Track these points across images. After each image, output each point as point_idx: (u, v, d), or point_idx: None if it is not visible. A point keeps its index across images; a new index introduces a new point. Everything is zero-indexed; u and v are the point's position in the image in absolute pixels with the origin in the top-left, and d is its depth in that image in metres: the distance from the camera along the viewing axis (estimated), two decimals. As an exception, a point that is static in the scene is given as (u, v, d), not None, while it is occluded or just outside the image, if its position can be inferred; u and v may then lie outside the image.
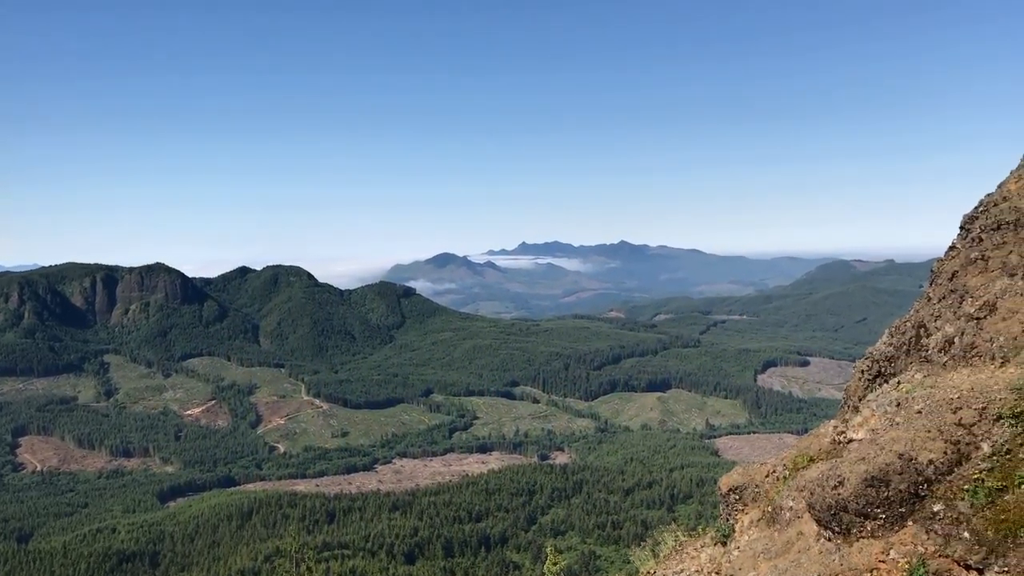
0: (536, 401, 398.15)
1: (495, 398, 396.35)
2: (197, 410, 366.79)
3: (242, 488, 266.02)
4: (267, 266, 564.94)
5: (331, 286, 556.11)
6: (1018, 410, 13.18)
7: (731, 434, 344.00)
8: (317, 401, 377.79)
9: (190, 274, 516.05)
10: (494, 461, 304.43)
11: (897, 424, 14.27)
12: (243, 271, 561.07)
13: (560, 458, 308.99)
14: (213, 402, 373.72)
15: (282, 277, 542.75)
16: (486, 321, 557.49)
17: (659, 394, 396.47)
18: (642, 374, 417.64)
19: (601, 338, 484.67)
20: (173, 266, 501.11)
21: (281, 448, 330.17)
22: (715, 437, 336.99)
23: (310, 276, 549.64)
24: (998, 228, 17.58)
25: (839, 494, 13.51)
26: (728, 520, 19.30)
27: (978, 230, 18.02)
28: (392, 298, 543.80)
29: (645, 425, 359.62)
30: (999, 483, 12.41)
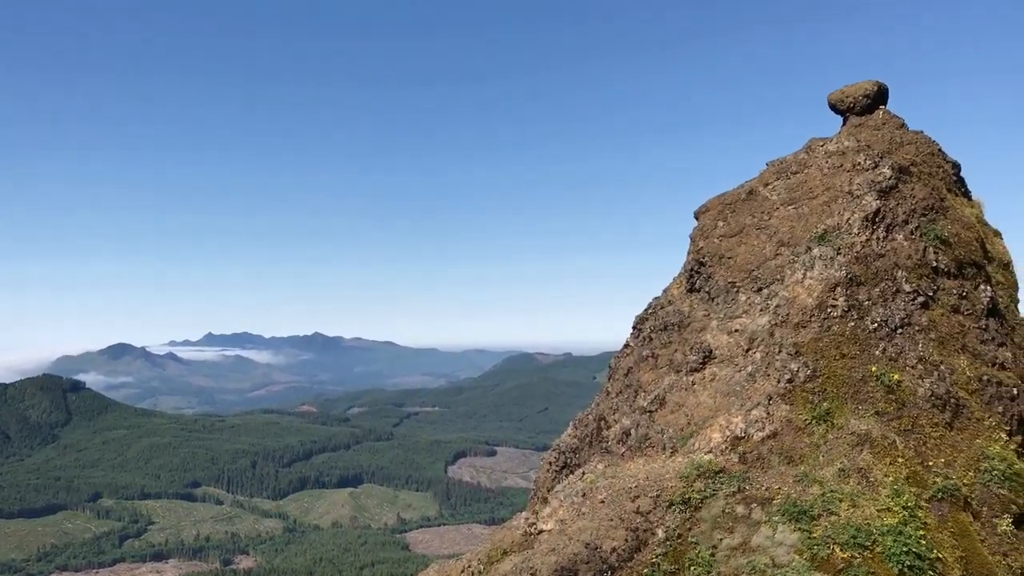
0: (220, 502, 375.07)
1: (174, 501, 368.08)
2: None
3: None
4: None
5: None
6: (686, 496, 14.42)
7: (422, 527, 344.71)
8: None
9: None
10: (171, 570, 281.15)
11: (583, 514, 15.03)
12: None
13: (245, 562, 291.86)
14: None
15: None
16: (166, 417, 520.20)
17: (351, 489, 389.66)
18: (334, 470, 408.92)
19: (292, 433, 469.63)
20: None
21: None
22: (406, 531, 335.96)
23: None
24: (665, 329, 19.44)
25: (532, 586, 13.87)
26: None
27: (648, 330, 19.81)
28: (57, 393, 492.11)
29: (336, 523, 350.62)
30: (672, 566, 13.40)
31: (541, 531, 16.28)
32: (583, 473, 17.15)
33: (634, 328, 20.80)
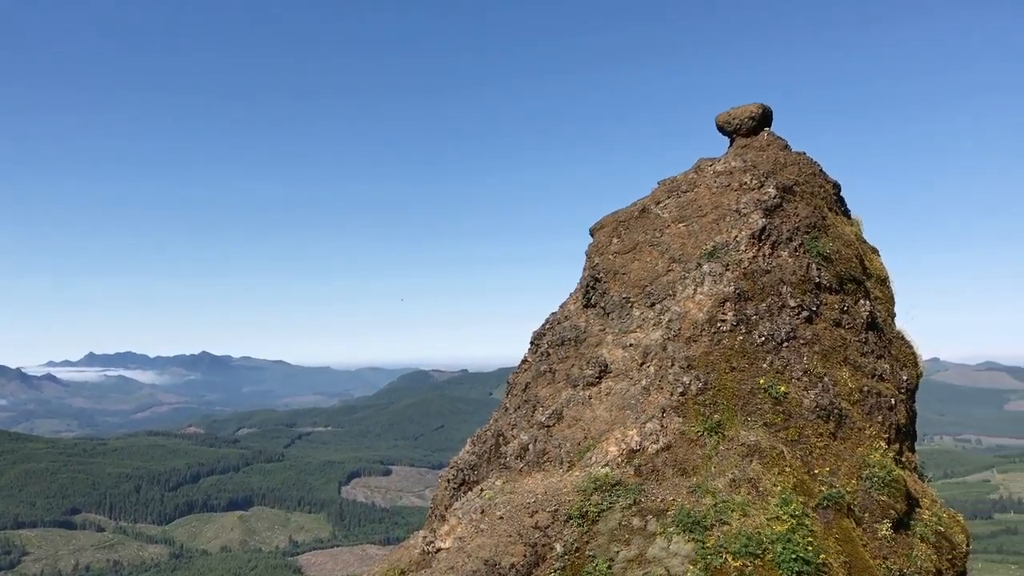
0: (101, 529, 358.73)
1: (50, 529, 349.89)
2: None
3: None
4: None
5: None
6: (583, 510, 14.55)
7: (315, 549, 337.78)
8: None
9: None
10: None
11: (482, 531, 14.98)
12: None
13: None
14: None
15: None
16: (42, 441, 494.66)
17: (241, 513, 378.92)
18: (223, 492, 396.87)
19: (178, 455, 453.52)
20: None
21: None
22: (298, 554, 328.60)
23: None
24: (562, 343, 19.62)
25: (431, 605, 13.73)
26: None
27: (546, 345, 19.96)
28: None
29: (225, 547, 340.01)
30: (571, 580, 13.47)
31: (439, 549, 16.14)
32: (481, 490, 17.11)
33: (532, 343, 20.93)
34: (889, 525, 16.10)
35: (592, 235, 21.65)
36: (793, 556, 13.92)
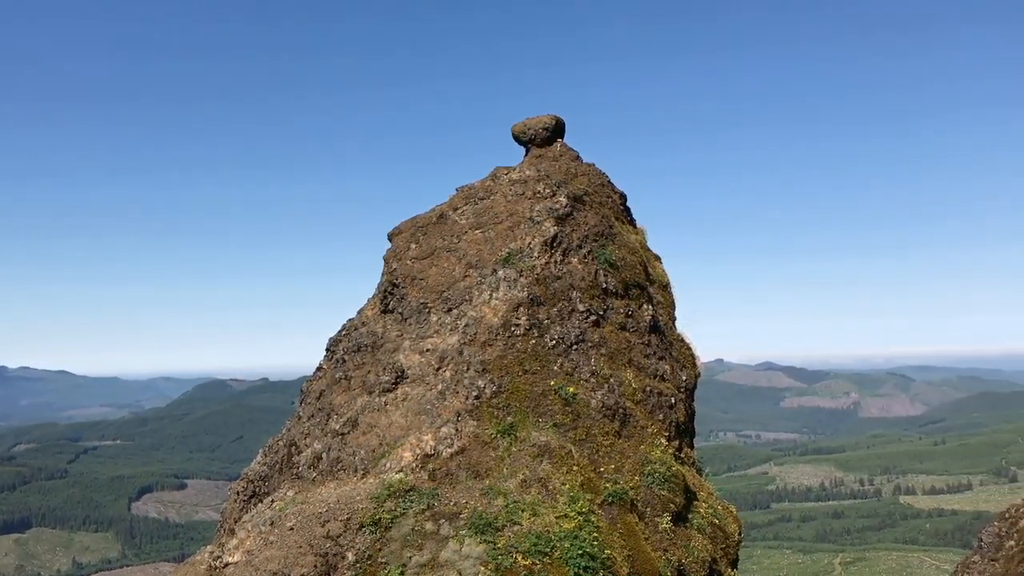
0: None
1: None
2: None
3: None
4: None
5: None
6: (376, 517, 14.48)
7: (102, 570, 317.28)
8: None
9: None
10: None
11: (271, 543, 14.59)
12: None
13: None
14: None
15: None
16: None
17: (17, 535, 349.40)
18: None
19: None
20: None
21: None
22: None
23: None
24: (359, 350, 19.45)
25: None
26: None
27: (342, 352, 19.72)
28: None
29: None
30: (363, 588, 13.36)
31: (227, 564, 15.57)
32: (272, 501, 16.67)
33: (328, 350, 20.62)
34: (669, 518, 17.04)
35: (391, 240, 21.61)
36: (579, 552, 14.45)
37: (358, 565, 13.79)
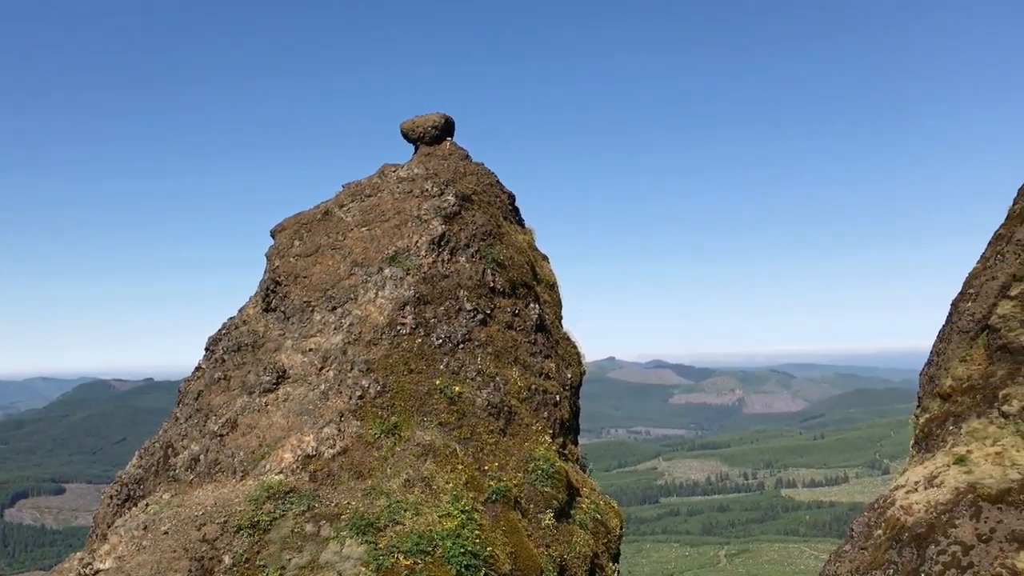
0: None
1: None
2: None
3: None
4: None
5: None
6: (255, 520, 14.19)
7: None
8: None
9: None
10: None
11: (145, 548, 14.12)
12: None
13: None
14: None
15: None
16: None
17: None
18: None
19: None
20: None
21: None
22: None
23: None
24: (239, 349, 19.01)
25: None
26: None
27: (221, 351, 19.23)
28: None
29: None
30: (239, 592, 13.07)
31: (98, 571, 14.99)
32: (147, 504, 16.12)
33: (207, 350, 20.07)
34: (552, 515, 17.24)
35: (273, 237, 21.20)
36: (461, 551, 14.48)
37: (235, 568, 13.48)
